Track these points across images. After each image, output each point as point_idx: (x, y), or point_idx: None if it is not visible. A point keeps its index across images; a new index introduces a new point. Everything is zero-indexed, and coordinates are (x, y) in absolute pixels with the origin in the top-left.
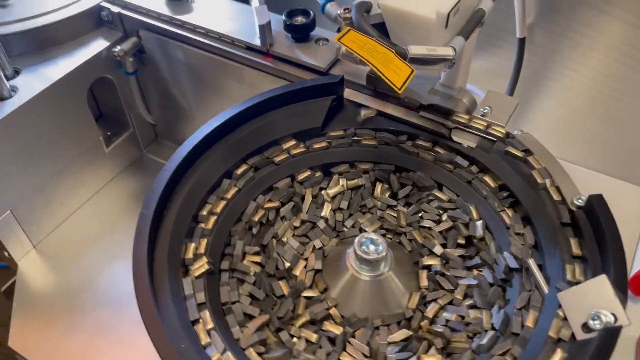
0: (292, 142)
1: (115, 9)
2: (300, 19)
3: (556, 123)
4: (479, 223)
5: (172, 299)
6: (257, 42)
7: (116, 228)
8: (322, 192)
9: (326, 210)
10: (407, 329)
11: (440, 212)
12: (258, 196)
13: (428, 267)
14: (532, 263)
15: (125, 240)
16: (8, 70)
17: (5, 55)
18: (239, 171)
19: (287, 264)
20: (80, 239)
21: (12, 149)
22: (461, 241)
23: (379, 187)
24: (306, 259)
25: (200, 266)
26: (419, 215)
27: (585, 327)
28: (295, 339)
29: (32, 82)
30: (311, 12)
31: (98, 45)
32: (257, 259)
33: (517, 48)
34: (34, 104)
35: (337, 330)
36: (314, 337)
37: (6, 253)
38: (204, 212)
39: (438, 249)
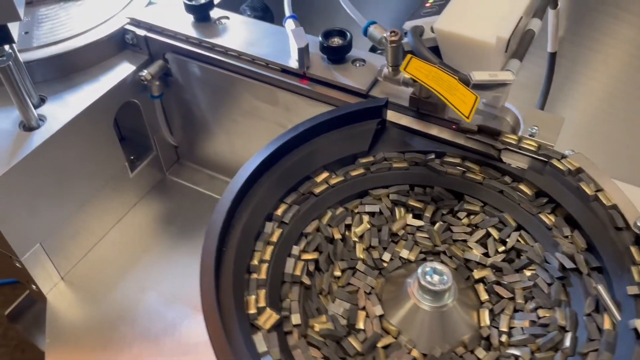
0: (328, 173)
1: (140, 32)
2: (337, 41)
3: (577, 131)
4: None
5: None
6: (292, 64)
7: (144, 255)
8: (349, 232)
9: (359, 251)
10: (490, 349)
11: (472, 222)
12: (292, 248)
13: (482, 280)
14: (602, 290)
15: (155, 268)
16: (34, 98)
17: (31, 83)
18: (280, 211)
19: (347, 321)
20: (108, 267)
21: (41, 181)
22: (500, 247)
23: (401, 211)
24: (364, 308)
25: (269, 318)
26: (450, 230)
27: None
28: None
29: (59, 111)
30: (348, 34)
31: (123, 69)
32: (318, 321)
33: (548, 62)
34: (63, 134)
35: None
36: None
37: (34, 286)
38: (255, 262)
39: (483, 259)
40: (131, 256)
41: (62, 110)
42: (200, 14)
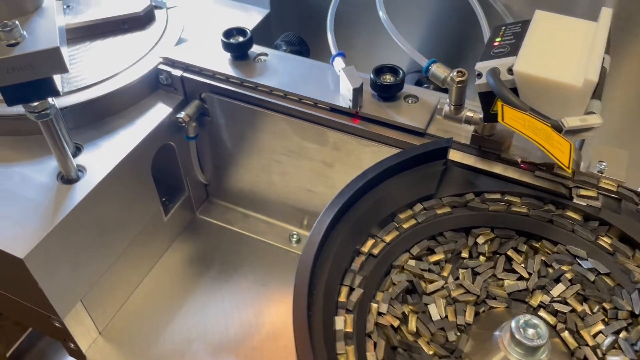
0: (408, 213)
1: (176, 72)
2: (389, 78)
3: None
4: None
5: None
6: (342, 102)
7: (183, 303)
8: (424, 284)
9: (451, 314)
10: None
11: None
12: (371, 306)
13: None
14: None
15: (197, 317)
16: (71, 147)
17: (67, 131)
18: (357, 264)
19: None
20: (147, 319)
21: (83, 235)
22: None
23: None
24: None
25: None
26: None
27: None
28: None
29: (97, 160)
30: (400, 71)
31: (159, 112)
32: None
33: None
34: (104, 185)
35: None
36: None
37: (72, 344)
38: (341, 323)
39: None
40: (170, 305)
41: (100, 159)
42: (239, 52)
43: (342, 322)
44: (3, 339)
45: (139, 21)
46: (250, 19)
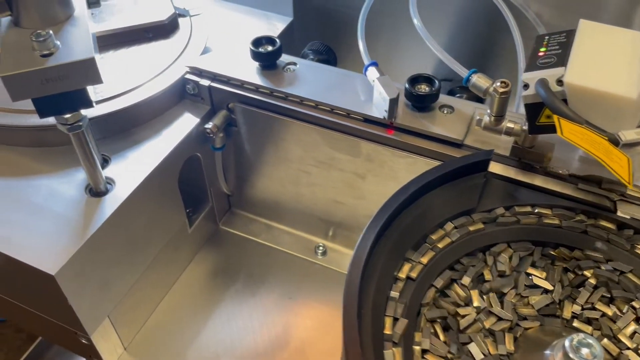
0: (440, 233)
1: (204, 82)
2: (424, 88)
3: None
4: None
5: None
6: (375, 113)
7: (209, 317)
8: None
9: (492, 347)
10: None
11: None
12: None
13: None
14: None
15: (224, 331)
16: (99, 159)
17: (95, 144)
18: (396, 291)
19: None
20: (172, 333)
21: (112, 249)
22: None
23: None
24: None
25: None
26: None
27: None
28: None
29: (126, 173)
30: (436, 81)
31: (186, 122)
32: None
33: None
34: (133, 198)
35: None
36: None
37: None
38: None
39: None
40: (195, 319)
41: (128, 171)
42: (268, 62)
43: (392, 357)
44: (4, 347)
45: (163, 29)
46: (273, 27)
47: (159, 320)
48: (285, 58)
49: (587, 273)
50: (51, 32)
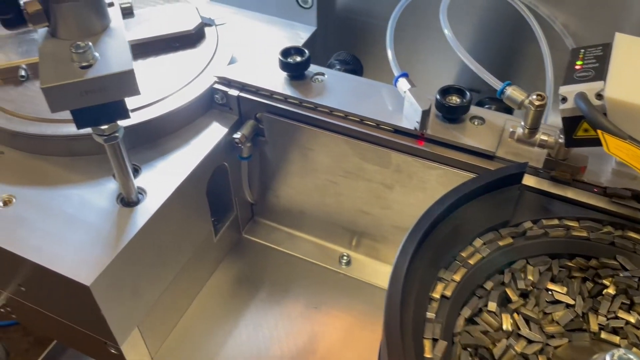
0: (470, 250)
1: (233, 91)
2: (455, 99)
3: None
4: None
5: None
6: (405, 124)
7: (235, 326)
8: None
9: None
10: None
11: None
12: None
13: None
14: None
15: (251, 341)
16: (130, 169)
17: (127, 153)
18: (432, 312)
19: None
20: (198, 343)
21: (144, 259)
22: None
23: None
24: None
25: None
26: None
27: None
28: None
29: (157, 183)
30: (467, 93)
31: (215, 132)
32: None
33: None
34: (164, 208)
35: None
36: None
37: None
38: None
39: None
40: (221, 329)
41: (159, 181)
42: (297, 72)
43: None
44: (11, 350)
45: (190, 39)
46: (297, 36)
47: (186, 330)
48: (313, 68)
49: (606, 282)
50: (90, 43)
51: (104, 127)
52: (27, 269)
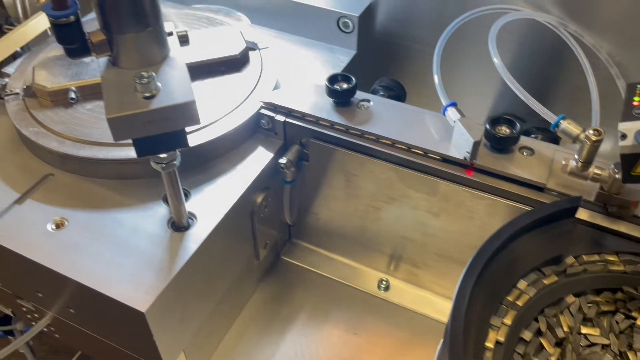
0: (515, 293)
1: (280, 117)
2: (504, 129)
3: None
4: None
5: None
6: (453, 153)
7: (273, 352)
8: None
9: None
10: None
11: None
12: None
13: None
14: None
15: None
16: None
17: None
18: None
19: None
20: None
21: (193, 284)
22: None
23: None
24: None
25: None
26: None
27: None
28: None
29: (206, 208)
30: (517, 123)
31: (261, 157)
32: None
33: None
34: (214, 233)
35: None
36: None
37: None
38: None
39: None
40: (261, 352)
41: (208, 206)
42: (343, 99)
43: None
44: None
45: (236, 63)
46: (338, 60)
47: (227, 353)
48: (358, 95)
49: (635, 314)
50: (154, 74)
51: (163, 155)
52: (80, 292)
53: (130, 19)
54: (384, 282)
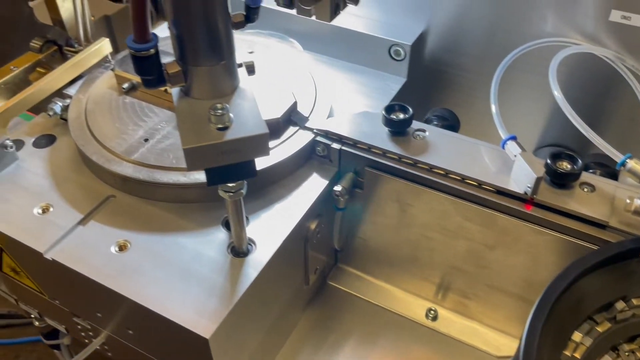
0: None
1: (335, 145)
2: (565, 165)
3: None
4: None
5: None
6: (514, 187)
7: None
8: None
9: None
10: None
11: None
12: None
13: None
14: None
15: None
16: None
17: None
18: None
19: None
20: None
21: (250, 311)
22: None
23: None
24: None
25: None
26: None
27: None
28: None
29: (265, 234)
30: (579, 159)
31: (315, 184)
32: None
33: None
34: (272, 260)
35: None
36: None
37: None
38: None
39: None
40: None
41: (267, 232)
42: (399, 129)
43: None
44: None
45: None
46: (388, 87)
47: None
48: (413, 124)
49: None
50: (228, 106)
51: (232, 184)
52: (142, 315)
53: (206, 52)
54: (432, 312)
